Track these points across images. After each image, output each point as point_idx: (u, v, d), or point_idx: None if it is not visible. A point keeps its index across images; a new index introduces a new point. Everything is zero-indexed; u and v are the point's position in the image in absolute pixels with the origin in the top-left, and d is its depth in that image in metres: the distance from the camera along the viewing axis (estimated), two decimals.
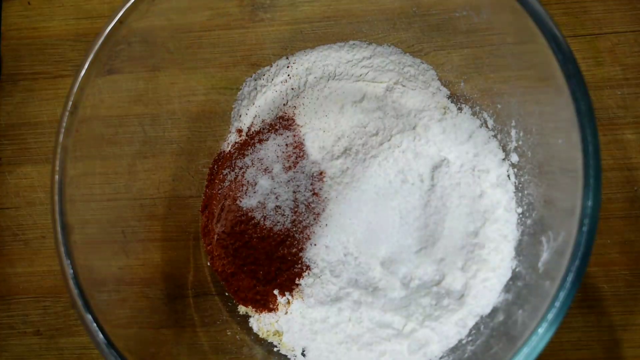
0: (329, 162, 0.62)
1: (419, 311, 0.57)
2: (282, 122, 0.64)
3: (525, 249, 0.55)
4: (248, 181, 0.62)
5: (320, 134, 0.63)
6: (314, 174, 0.62)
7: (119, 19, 0.53)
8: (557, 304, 0.42)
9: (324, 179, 0.62)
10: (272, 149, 0.63)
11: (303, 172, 0.62)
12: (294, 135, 0.64)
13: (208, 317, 0.60)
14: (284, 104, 0.65)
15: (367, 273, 0.58)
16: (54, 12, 0.72)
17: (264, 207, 0.60)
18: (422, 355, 0.57)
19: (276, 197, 0.61)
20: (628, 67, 0.64)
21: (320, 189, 0.62)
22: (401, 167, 0.61)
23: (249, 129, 0.65)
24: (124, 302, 0.56)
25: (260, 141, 0.64)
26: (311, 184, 0.62)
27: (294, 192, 0.61)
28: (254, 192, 0.61)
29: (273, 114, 0.65)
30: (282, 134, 0.64)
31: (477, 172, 0.61)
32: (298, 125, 0.64)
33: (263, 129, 0.65)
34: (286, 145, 0.63)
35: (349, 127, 0.63)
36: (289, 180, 0.61)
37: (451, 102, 0.64)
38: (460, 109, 0.64)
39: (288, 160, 0.62)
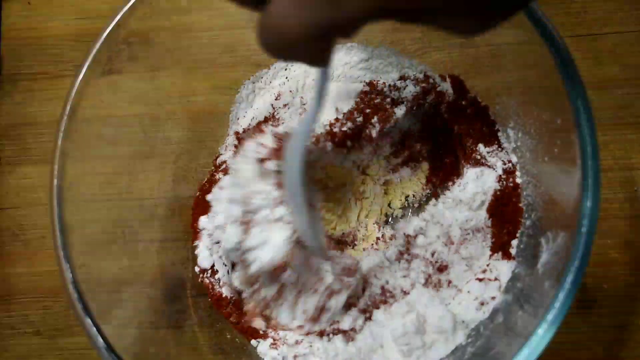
0: None
1: None
2: None
3: (525, 250, 0.55)
4: None
5: None
6: None
7: (119, 19, 0.53)
8: (557, 304, 0.41)
9: None
10: None
11: None
12: None
13: (207, 318, 0.60)
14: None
15: None
16: (54, 12, 0.72)
17: None
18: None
19: None
20: (628, 67, 0.64)
21: None
22: None
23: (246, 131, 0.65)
24: (123, 302, 0.55)
25: None
26: None
27: None
28: None
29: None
30: None
31: None
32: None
33: None
34: None
35: None
36: None
37: None
38: None
39: None
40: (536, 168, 0.55)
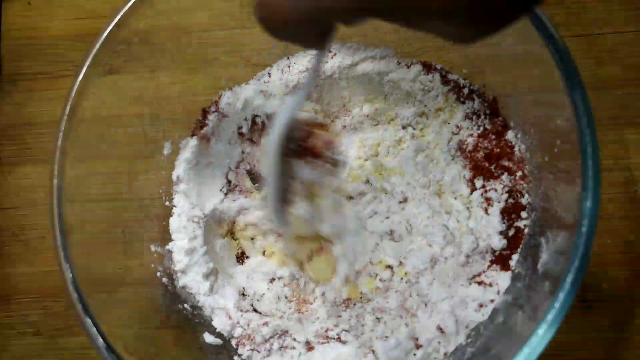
0: None
1: None
2: None
3: (525, 250, 0.55)
4: None
5: None
6: None
7: (119, 19, 0.53)
8: (557, 304, 0.41)
9: None
10: None
11: None
12: None
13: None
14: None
15: None
16: (54, 12, 0.72)
17: None
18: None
19: None
20: (628, 67, 0.64)
21: None
22: None
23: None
24: (124, 302, 0.55)
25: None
26: None
27: None
28: None
29: None
30: None
31: None
32: None
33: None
34: None
35: None
36: None
37: None
38: None
39: None
40: (536, 168, 0.55)
